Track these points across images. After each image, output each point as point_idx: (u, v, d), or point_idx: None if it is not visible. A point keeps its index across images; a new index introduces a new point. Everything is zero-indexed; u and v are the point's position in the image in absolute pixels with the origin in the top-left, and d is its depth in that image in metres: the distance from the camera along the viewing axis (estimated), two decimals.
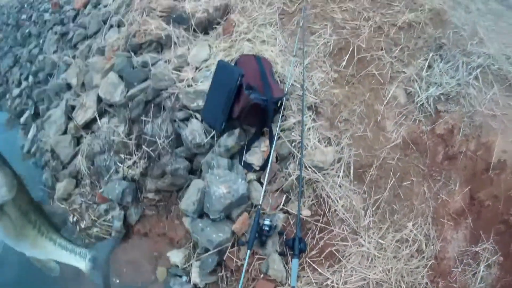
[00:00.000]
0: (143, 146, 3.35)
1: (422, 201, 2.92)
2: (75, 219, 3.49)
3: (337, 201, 2.67)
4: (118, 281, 3.09)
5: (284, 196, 2.74)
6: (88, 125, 3.92)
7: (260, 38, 3.58)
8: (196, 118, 3.15)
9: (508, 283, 2.67)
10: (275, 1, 4.02)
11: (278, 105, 2.86)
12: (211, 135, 3.01)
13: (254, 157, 2.86)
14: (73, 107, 4.18)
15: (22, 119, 5.92)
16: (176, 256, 2.96)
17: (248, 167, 2.83)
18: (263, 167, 2.77)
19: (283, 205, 2.72)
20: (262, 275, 2.56)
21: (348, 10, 3.84)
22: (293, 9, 3.94)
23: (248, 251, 2.36)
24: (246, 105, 2.66)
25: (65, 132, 4.14)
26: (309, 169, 2.69)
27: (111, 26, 4.75)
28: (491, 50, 3.58)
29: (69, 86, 4.65)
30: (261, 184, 2.76)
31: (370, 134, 3.02)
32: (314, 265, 2.57)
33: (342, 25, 3.69)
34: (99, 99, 3.88)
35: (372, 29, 3.63)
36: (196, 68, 3.57)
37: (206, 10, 4.10)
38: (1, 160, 1.28)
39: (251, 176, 2.81)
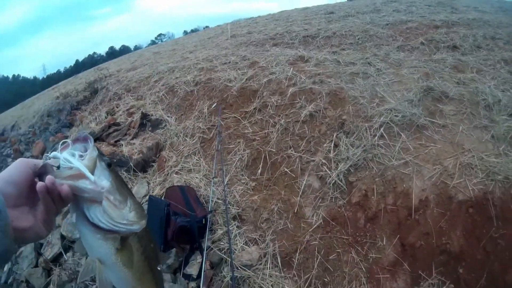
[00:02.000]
0: None
1: (353, 266, 3.39)
2: None
3: None
4: None
5: None
6: (56, 259, 4.60)
7: (187, 168, 4.54)
8: None
9: None
10: (196, 132, 5.09)
11: (204, 222, 3.66)
12: None
13: (193, 268, 3.54)
14: (41, 244, 4.93)
15: None
16: None
17: (188, 277, 3.52)
18: (200, 276, 3.45)
19: None
20: None
21: (257, 122, 4.87)
22: (211, 135, 4.99)
23: None
24: (175, 228, 3.49)
25: (36, 265, 4.83)
26: (239, 268, 3.38)
27: None
28: (392, 104, 4.29)
29: None
30: None
31: (291, 225, 3.74)
32: None
33: (252, 137, 4.66)
34: (62, 237, 4.66)
35: (279, 132, 4.55)
36: None
37: (140, 151, 5.09)
38: (130, 191, 1.17)
39: (192, 284, 3.47)
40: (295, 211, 3.86)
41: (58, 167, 0.94)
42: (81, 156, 0.97)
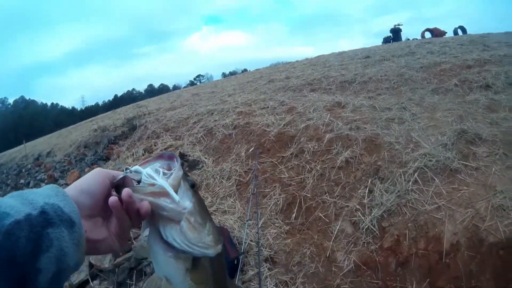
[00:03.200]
0: None
1: None
2: None
3: None
4: None
5: None
6: (82, 285, 4.62)
7: (222, 209, 4.69)
8: None
9: None
10: (232, 174, 5.27)
11: (235, 263, 3.77)
12: None
13: None
14: None
15: None
16: None
17: None
18: None
19: None
20: None
21: (294, 167, 5.00)
22: (247, 178, 5.15)
23: None
24: None
25: None
26: None
27: None
28: (426, 149, 4.34)
29: None
30: None
31: (322, 269, 3.79)
32: None
33: (288, 182, 4.79)
34: (91, 265, 4.78)
35: (315, 178, 4.67)
36: None
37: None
38: (209, 215, 1.11)
39: None
40: (327, 255, 3.91)
41: (138, 182, 0.92)
42: (164, 174, 0.94)
